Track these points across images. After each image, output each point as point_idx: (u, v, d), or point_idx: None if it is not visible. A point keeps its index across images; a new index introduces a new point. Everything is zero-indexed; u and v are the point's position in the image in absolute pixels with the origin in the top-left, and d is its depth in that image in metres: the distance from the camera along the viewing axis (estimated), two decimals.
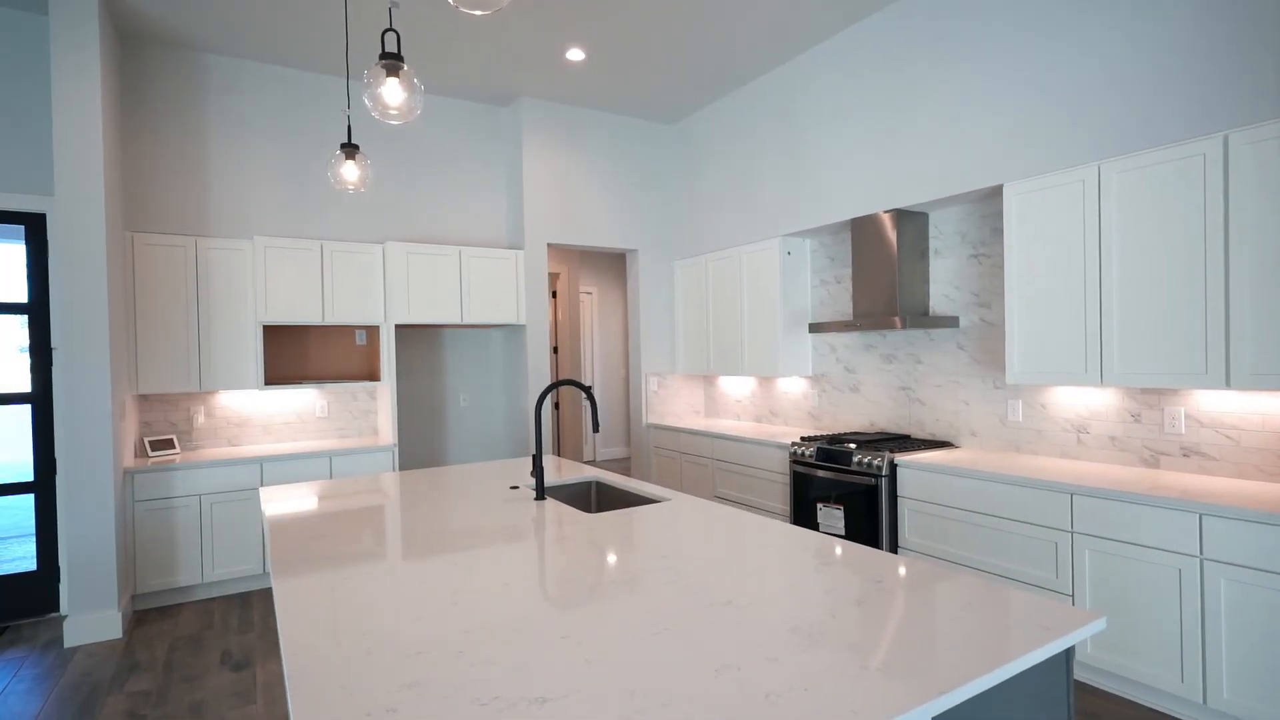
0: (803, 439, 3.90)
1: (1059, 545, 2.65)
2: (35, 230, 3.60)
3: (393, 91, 1.89)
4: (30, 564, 3.64)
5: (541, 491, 2.48)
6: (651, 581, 1.54)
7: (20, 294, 3.58)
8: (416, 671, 1.14)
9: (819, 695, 1.02)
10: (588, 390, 2.56)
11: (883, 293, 3.71)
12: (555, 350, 6.87)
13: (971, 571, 2.97)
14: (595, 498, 2.94)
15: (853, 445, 3.54)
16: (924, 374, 3.80)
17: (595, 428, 2.52)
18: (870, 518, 3.38)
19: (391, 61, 1.88)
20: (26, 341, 3.59)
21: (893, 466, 3.32)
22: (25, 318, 3.59)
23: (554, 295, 6.91)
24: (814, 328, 3.98)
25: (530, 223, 4.91)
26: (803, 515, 3.79)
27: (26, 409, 3.59)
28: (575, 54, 4.19)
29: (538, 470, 2.49)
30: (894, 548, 3.33)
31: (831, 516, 3.59)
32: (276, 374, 4.47)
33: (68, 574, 3.25)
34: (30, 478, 3.60)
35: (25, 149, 3.58)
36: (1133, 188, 2.65)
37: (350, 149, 2.59)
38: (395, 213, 4.78)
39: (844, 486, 3.52)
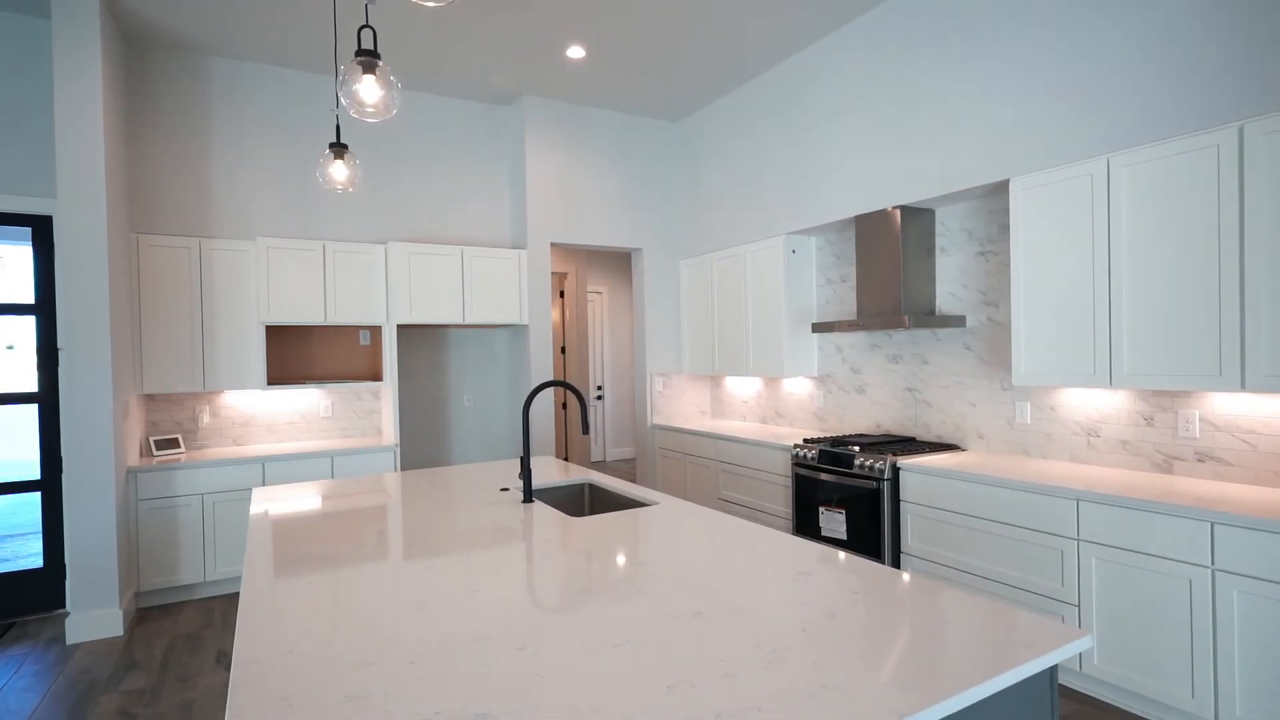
0: (805, 441, 3.82)
1: (1064, 553, 2.56)
2: (42, 232, 3.65)
3: (369, 89, 1.87)
4: (38, 561, 3.70)
5: (529, 494, 2.45)
6: (621, 590, 1.50)
7: (30, 295, 3.64)
8: (363, 682, 1.11)
9: (771, 717, 0.97)
10: (577, 391, 2.52)
11: (888, 292, 3.62)
12: (563, 350, 6.85)
13: (974, 579, 2.88)
14: (588, 500, 2.90)
15: (855, 448, 3.46)
16: (930, 375, 3.70)
17: (585, 429, 2.48)
18: (872, 522, 3.30)
19: (368, 58, 1.85)
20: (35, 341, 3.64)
21: (895, 470, 3.24)
22: (34, 318, 3.64)
23: (561, 295, 6.88)
24: (818, 327, 3.90)
25: (533, 222, 4.89)
26: (805, 519, 3.71)
27: (35, 408, 3.64)
28: (576, 51, 4.15)
29: (525, 473, 2.46)
30: (896, 553, 3.24)
31: (833, 520, 3.51)
32: (281, 374, 4.50)
33: (71, 571, 3.29)
34: (38, 476, 3.65)
35: (33, 152, 3.63)
36: (1143, 182, 2.54)
37: (339, 148, 2.57)
38: (398, 213, 4.78)
39: (846, 490, 3.44)
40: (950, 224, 3.58)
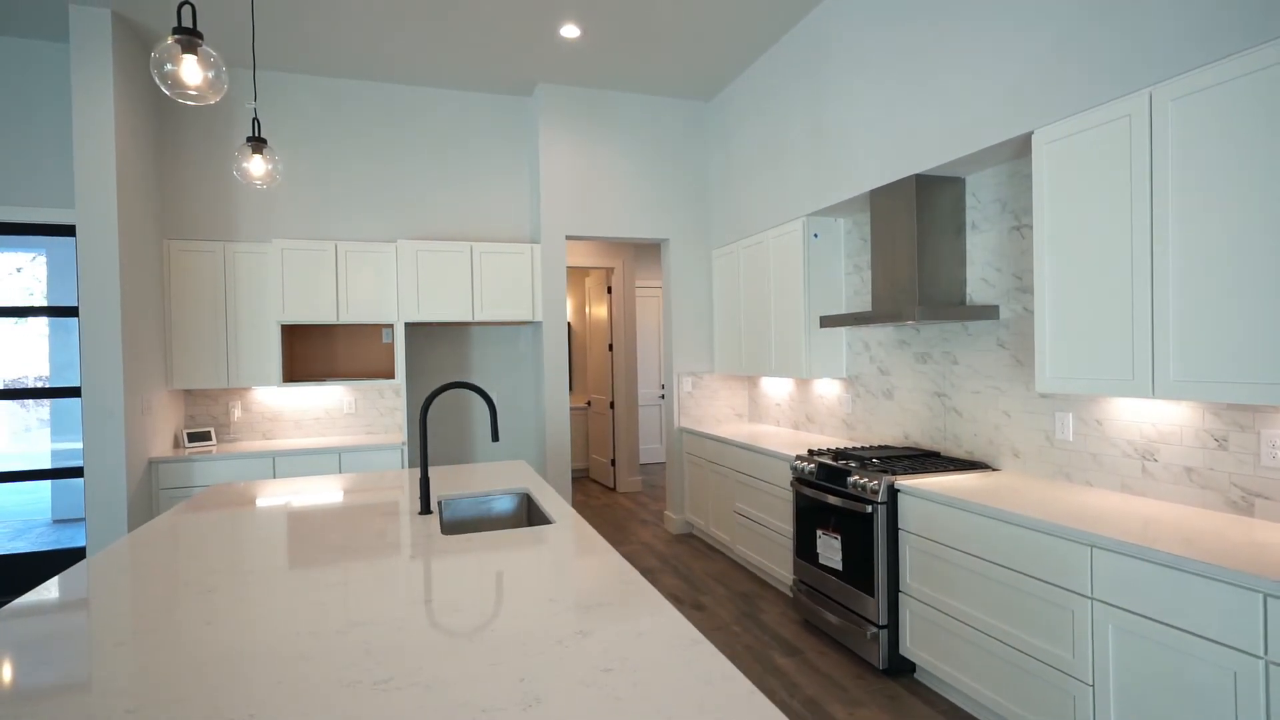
0: (809, 453, 3.33)
1: (1075, 614, 1.96)
2: None
3: (191, 70, 1.75)
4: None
5: (426, 505, 2.26)
6: (349, 639, 1.24)
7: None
8: None
9: None
10: (485, 395, 2.29)
11: (901, 277, 3.05)
12: (610, 348, 6.64)
13: (977, 635, 2.31)
14: (526, 511, 2.67)
15: (854, 464, 2.94)
16: (961, 377, 3.08)
17: (495, 436, 2.25)
18: (867, 553, 2.78)
19: (187, 37, 1.73)
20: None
21: (892, 492, 2.70)
22: (75, 320, 3.99)
23: (609, 291, 6.67)
24: (827, 321, 3.38)
25: (547, 215, 4.71)
26: (804, 542, 3.23)
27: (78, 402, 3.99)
28: (570, 30, 3.91)
29: (423, 481, 2.27)
30: (893, 592, 2.71)
31: (829, 547, 3.02)
32: (305, 372, 4.65)
33: (89, 554, 3.55)
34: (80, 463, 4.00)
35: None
36: (1196, 119, 1.88)
37: (257, 143, 2.51)
38: (417, 212, 4.79)
39: (842, 513, 2.94)
40: (982, 195, 2.95)
